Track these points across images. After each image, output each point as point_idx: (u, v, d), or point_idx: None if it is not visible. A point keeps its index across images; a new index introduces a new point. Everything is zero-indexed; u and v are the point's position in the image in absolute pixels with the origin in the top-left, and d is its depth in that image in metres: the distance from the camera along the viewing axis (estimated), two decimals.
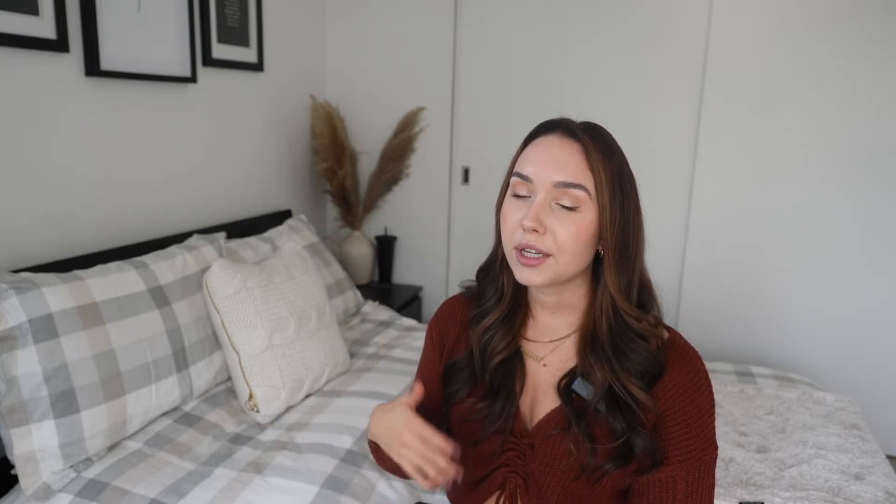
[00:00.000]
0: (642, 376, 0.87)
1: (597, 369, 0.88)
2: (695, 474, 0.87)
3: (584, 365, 0.90)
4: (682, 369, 0.88)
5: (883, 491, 1.40)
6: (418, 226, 2.95)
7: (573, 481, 0.90)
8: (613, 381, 0.87)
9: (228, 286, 1.63)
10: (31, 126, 1.54)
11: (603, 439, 0.88)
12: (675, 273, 2.67)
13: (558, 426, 0.91)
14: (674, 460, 0.87)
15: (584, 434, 0.87)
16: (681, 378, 0.87)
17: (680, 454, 0.87)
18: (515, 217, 0.87)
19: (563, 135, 0.88)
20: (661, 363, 0.88)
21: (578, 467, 0.88)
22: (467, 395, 0.98)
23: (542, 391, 0.95)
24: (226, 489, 1.31)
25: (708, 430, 0.88)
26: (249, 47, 2.31)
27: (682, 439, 0.87)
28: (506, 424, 0.94)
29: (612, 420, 0.87)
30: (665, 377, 0.87)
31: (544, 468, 0.92)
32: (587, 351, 0.90)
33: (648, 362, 0.87)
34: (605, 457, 0.87)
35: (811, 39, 2.35)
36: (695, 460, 0.87)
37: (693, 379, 0.87)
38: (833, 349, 2.53)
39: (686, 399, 0.87)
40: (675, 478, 0.87)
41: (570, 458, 0.89)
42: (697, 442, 0.87)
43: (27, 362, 1.28)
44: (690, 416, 0.86)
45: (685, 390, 0.87)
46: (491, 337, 0.97)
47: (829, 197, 2.44)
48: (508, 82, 2.72)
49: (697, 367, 0.89)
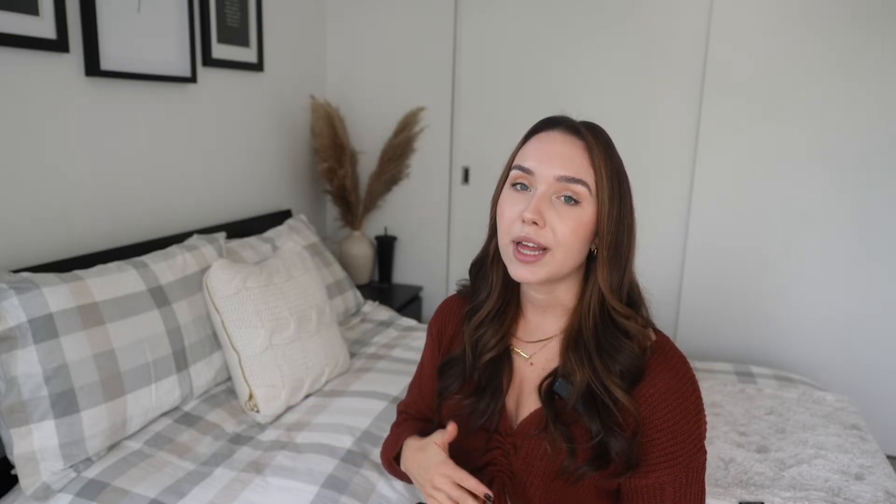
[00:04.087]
0: (623, 376, 0.87)
1: (577, 369, 0.88)
2: (682, 480, 0.87)
3: (565, 365, 0.90)
4: (667, 374, 0.87)
5: (883, 491, 1.40)
6: (418, 226, 2.95)
7: (553, 481, 0.90)
8: (593, 380, 0.87)
9: (228, 286, 1.63)
10: (31, 126, 1.54)
11: (581, 440, 0.87)
12: (675, 273, 2.67)
13: (539, 426, 0.91)
14: (660, 466, 0.86)
15: (561, 435, 0.87)
16: (665, 383, 0.86)
17: (666, 460, 0.86)
18: (514, 210, 0.87)
19: (567, 131, 0.88)
20: (642, 366, 0.87)
21: (557, 468, 0.89)
22: (457, 391, 0.98)
23: (527, 390, 0.96)
24: (226, 489, 1.31)
25: (695, 436, 0.87)
26: (249, 47, 2.31)
27: (668, 445, 0.86)
28: (491, 421, 0.94)
29: (589, 420, 0.86)
30: (649, 382, 0.87)
31: (526, 468, 0.92)
32: (569, 351, 0.90)
33: (631, 363, 0.87)
34: (584, 459, 0.87)
35: (811, 39, 2.35)
36: (682, 466, 0.86)
37: (678, 384, 0.87)
38: (833, 349, 2.53)
39: (671, 404, 0.86)
40: (662, 484, 0.87)
41: (549, 458, 0.89)
42: (684, 448, 0.86)
43: (27, 362, 1.28)
44: (675, 421, 0.86)
45: (669, 395, 0.86)
46: (482, 334, 0.97)
47: (830, 197, 2.44)
48: (508, 82, 2.72)
49: (683, 372, 0.88)
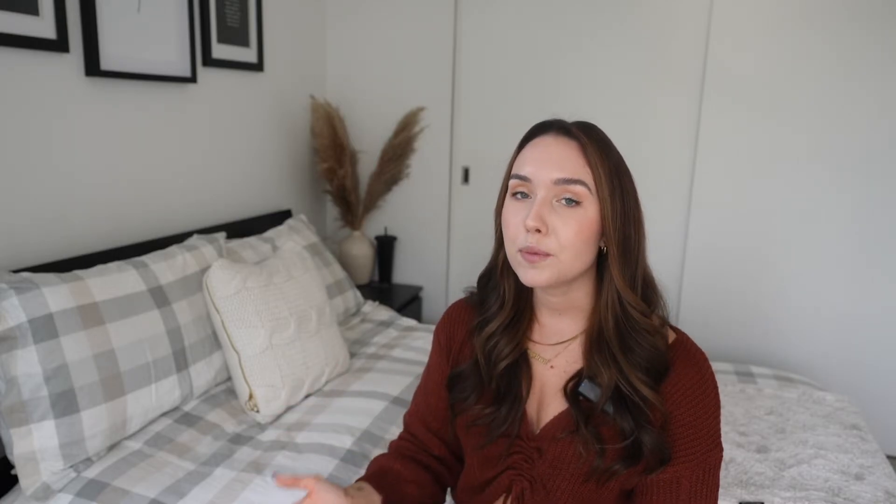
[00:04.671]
0: (648, 372, 0.87)
1: (603, 370, 0.88)
2: (699, 475, 0.87)
3: (590, 366, 0.90)
4: (690, 370, 0.88)
5: (883, 491, 1.40)
6: (418, 226, 2.95)
7: (582, 484, 0.90)
8: (620, 380, 0.87)
9: (228, 286, 1.63)
10: (31, 126, 1.54)
11: (611, 440, 0.87)
12: (675, 273, 2.67)
13: (566, 429, 0.90)
14: (678, 461, 0.87)
15: (592, 436, 0.87)
16: (688, 378, 0.87)
17: (685, 455, 0.87)
18: (517, 219, 0.87)
19: (559, 133, 0.88)
20: (665, 362, 0.88)
21: (588, 469, 0.88)
22: (475, 402, 0.97)
23: (549, 394, 0.95)
24: (226, 489, 1.31)
25: (713, 432, 0.88)
26: (249, 47, 2.31)
27: (688, 440, 0.87)
28: (512, 428, 0.93)
29: (621, 420, 0.87)
30: (672, 377, 0.87)
31: (553, 471, 0.91)
32: (593, 352, 0.90)
33: (654, 358, 0.87)
34: (614, 458, 0.87)
35: (811, 39, 2.35)
36: (699, 461, 0.87)
37: (700, 380, 0.88)
38: (833, 349, 2.53)
39: (693, 400, 0.87)
40: (679, 478, 0.87)
41: (579, 460, 0.89)
42: (702, 443, 0.87)
43: (27, 362, 1.28)
44: (696, 416, 0.87)
45: (692, 391, 0.87)
46: (495, 344, 0.96)
47: (830, 196, 2.44)
48: (508, 82, 2.72)
49: (705, 368, 0.89)
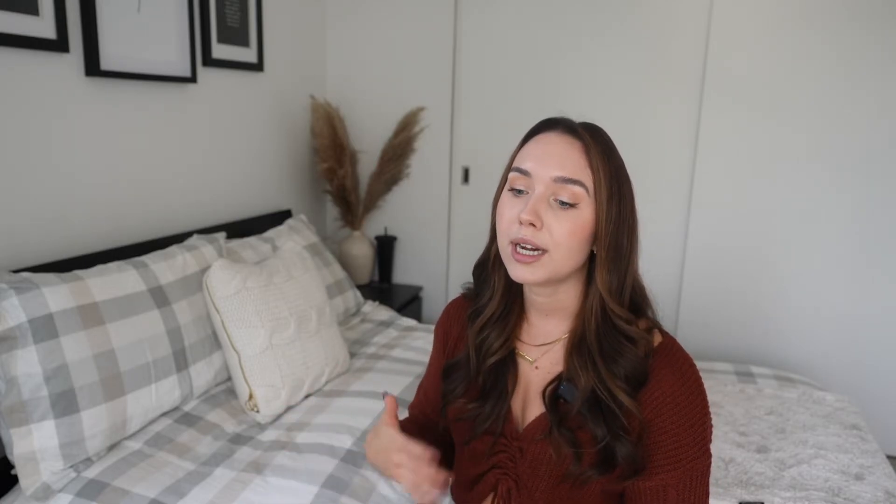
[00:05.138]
0: (627, 379, 0.86)
1: (581, 374, 0.87)
2: (686, 483, 0.86)
3: (569, 369, 0.90)
4: (673, 376, 0.86)
5: (883, 491, 1.40)
6: (418, 226, 2.95)
7: (559, 485, 0.90)
8: (597, 385, 0.86)
9: (228, 286, 1.63)
10: (31, 126, 1.54)
11: (586, 444, 0.87)
12: (675, 273, 2.67)
13: (544, 431, 0.90)
14: (664, 469, 0.86)
15: (566, 440, 0.87)
16: (670, 385, 0.86)
17: (670, 462, 0.86)
18: (512, 212, 0.87)
19: (565, 132, 0.88)
20: (645, 370, 0.86)
21: (562, 472, 0.88)
22: (461, 395, 0.98)
23: (532, 394, 0.95)
24: (226, 489, 1.31)
25: (700, 439, 0.86)
26: (249, 47, 2.31)
27: (672, 447, 0.85)
28: (496, 425, 0.94)
29: (594, 425, 0.86)
30: (654, 384, 0.86)
31: (532, 471, 0.92)
32: (574, 355, 0.90)
33: (634, 367, 0.86)
34: (589, 463, 0.86)
35: (811, 39, 2.35)
36: (686, 469, 0.86)
37: (683, 387, 0.86)
38: (833, 349, 2.53)
39: (674, 407, 0.85)
40: (665, 486, 0.86)
41: (554, 462, 0.89)
42: (688, 450, 0.85)
43: (27, 362, 1.28)
44: (680, 424, 0.85)
45: (675, 398, 0.85)
46: (486, 336, 0.97)
47: (830, 197, 2.44)
48: (508, 82, 2.72)
49: (689, 374, 0.87)
